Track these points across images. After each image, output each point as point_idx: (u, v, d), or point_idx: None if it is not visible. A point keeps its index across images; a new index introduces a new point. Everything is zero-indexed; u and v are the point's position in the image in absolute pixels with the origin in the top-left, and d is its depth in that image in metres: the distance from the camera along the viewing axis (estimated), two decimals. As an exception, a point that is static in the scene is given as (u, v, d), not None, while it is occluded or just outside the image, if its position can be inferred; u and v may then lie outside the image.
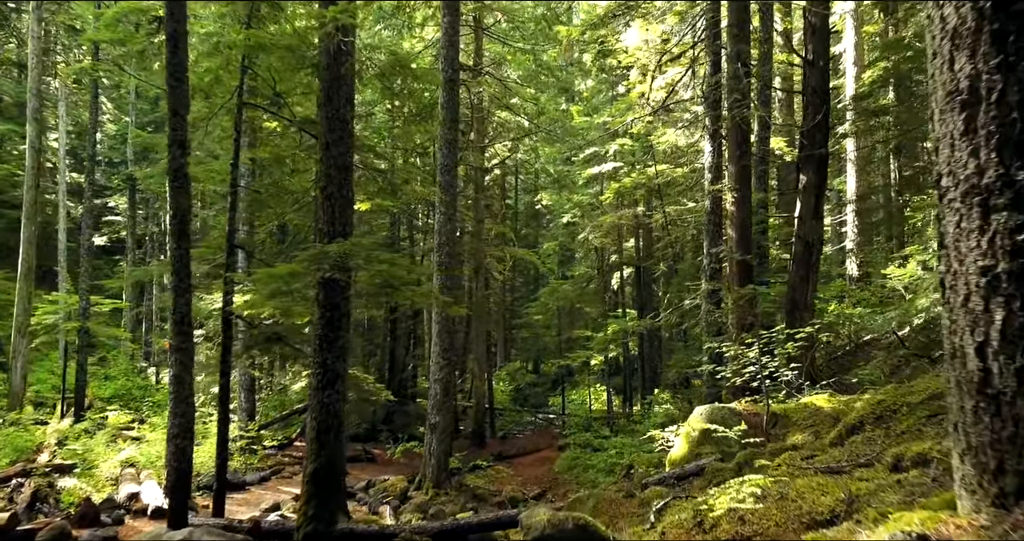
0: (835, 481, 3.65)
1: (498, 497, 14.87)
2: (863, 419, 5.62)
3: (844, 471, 4.03)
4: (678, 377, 20.90)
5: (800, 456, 5.20)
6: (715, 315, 12.82)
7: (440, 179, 14.49)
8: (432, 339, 14.42)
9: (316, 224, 7.01)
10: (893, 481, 3.29)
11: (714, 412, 8.60)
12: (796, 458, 5.16)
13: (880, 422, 5.43)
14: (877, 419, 5.51)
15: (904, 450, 3.60)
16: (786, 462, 5.09)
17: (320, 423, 6.75)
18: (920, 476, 3.22)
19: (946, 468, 3.05)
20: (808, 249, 12.40)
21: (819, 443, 6.57)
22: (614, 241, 26.55)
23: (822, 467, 4.41)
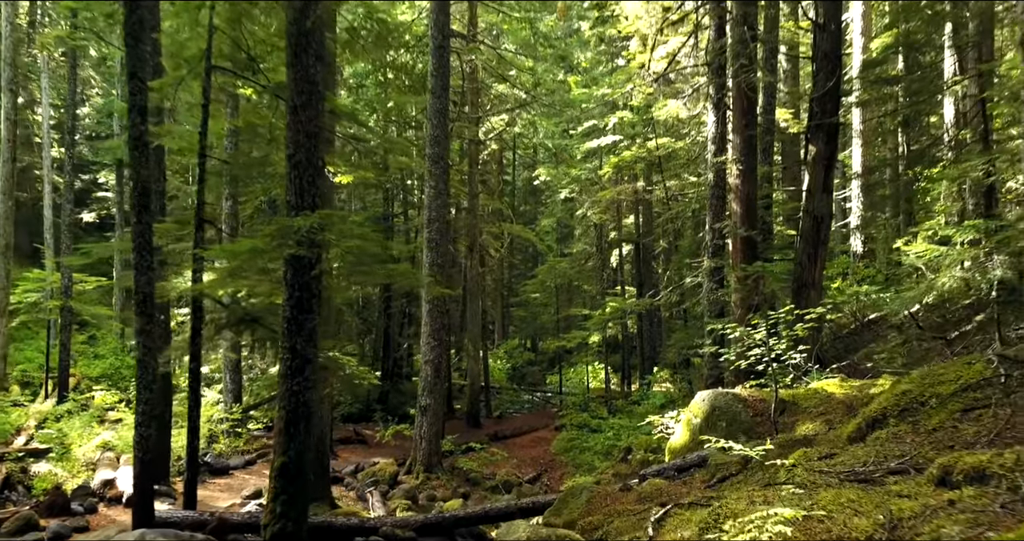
0: (867, 494, 3.09)
1: (491, 481, 14.42)
2: (886, 411, 5.05)
3: (875, 480, 3.45)
4: (678, 357, 20.38)
5: (816, 454, 4.62)
6: (717, 294, 12.23)
7: (429, 151, 13.83)
8: (423, 319, 13.85)
9: (286, 196, 6.38)
10: (943, 501, 2.72)
11: (717, 398, 8.04)
12: (812, 456, 4.58)
13: (906, 416, 4.85)
14: (902, 412, 4.93)
15: (953, 461, 3.02)
16: (801, 462, 4.51)
17: (289, 413, 6.17)
18: (978, 496, 2.65)
19: (1013, 488, 2.48)
20: (816, 224, 11.77)
21: (834, 435, 6.01)
22: (613, 217, 25.90)
23: (846, 471, 3.83)
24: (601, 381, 26.87)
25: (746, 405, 7.85)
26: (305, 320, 6.34)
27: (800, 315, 7.91)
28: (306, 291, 6.34)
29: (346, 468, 14.01)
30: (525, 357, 33.82)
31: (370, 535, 7.55)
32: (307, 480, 6.32)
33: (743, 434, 7.60)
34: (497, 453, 15.50)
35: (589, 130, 23.73)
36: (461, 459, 15.00)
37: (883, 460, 3.94)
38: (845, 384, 7.90)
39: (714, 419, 7.90)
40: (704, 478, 6.71)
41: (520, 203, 43.36)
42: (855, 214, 22.42)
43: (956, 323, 10.08)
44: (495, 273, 36.89)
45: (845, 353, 12.90)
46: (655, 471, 7.38)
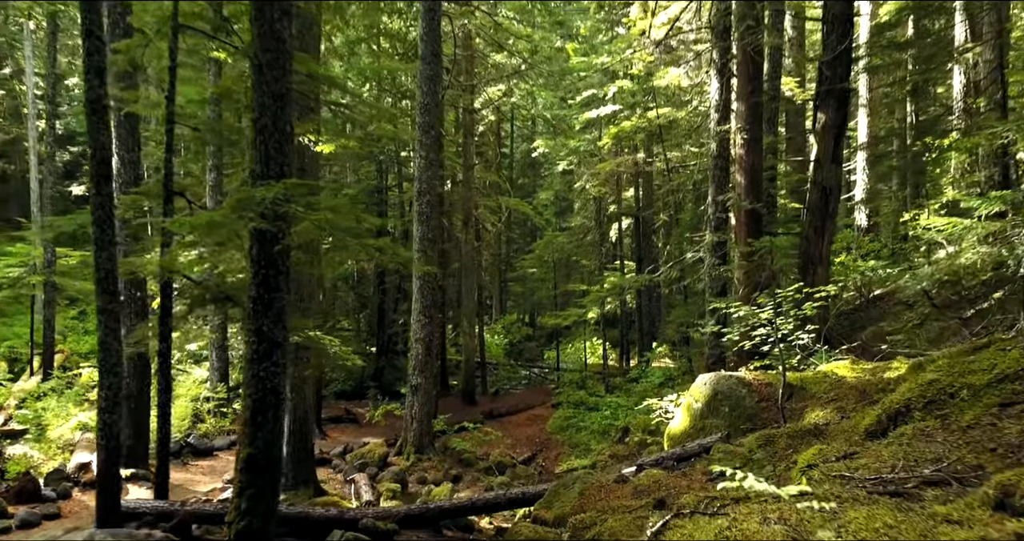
0: (906, 517, 2.58)
1: (485, 462, 14.02)
2: (910, 403, 4.54)
3: (909, 493, 2.95)
4: (677, 334, 19.92)
5: (834, 452, 4.12)
6: (719, 270, 11.69)
7: (419, 120, 13.19)
8: (413, 296, 13.34)
9: (251, 164, 5.81)
10: (1009, 534, 2.22)
11: (720, 382, 7.55)
12: (829, 455, 4.08)
13: (933, 409, 4.34)
14: (929, 404, 4.43)
15: (1016, 479, 2.51)
16: (818, 462, 4.01)
17: (256, 402, 5.67)
18: (1055, 530, 2.16)
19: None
20: (825, 196, 11.19)
21: (848, 426, 5.52)
22: (612, 190, 25.27)
23: (872, 478, 3.32)
24: (599, 357, 26.45)
25: (750, 390, 7.36)
26: (273, 299, 5.81)
27: (809, 293, 7.39)
28: (273, 268, 5.80)
29: (335, 449, 13.60)
30: (523, 332, 33.40)
31: (349, 528, 7.11)
32: (277, 472, 5.84)
33: (747, 421, 7.13)
34: (491, 432, 15.09)
35: (588, 100, 22.99)
36: (454, 439, 14.59)
37: (914, 465, 3.43)
38: (856, 367, 7.40)
39: (716, 404, 7.42)
40: (706, 470, 6.24)
41: (518, 176, 42.64)
42: (860, 187, 21.83)
43: (972, 301, 9.55)
44: (493, 247, 36.32)
45: (851, 331, 12.39)
46: (653, 461, 6.92)
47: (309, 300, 10.31)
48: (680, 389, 15.20)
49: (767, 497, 3.38)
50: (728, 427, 7.16)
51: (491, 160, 30.26)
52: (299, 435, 10.30)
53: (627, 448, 13.87)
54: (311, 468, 10.57)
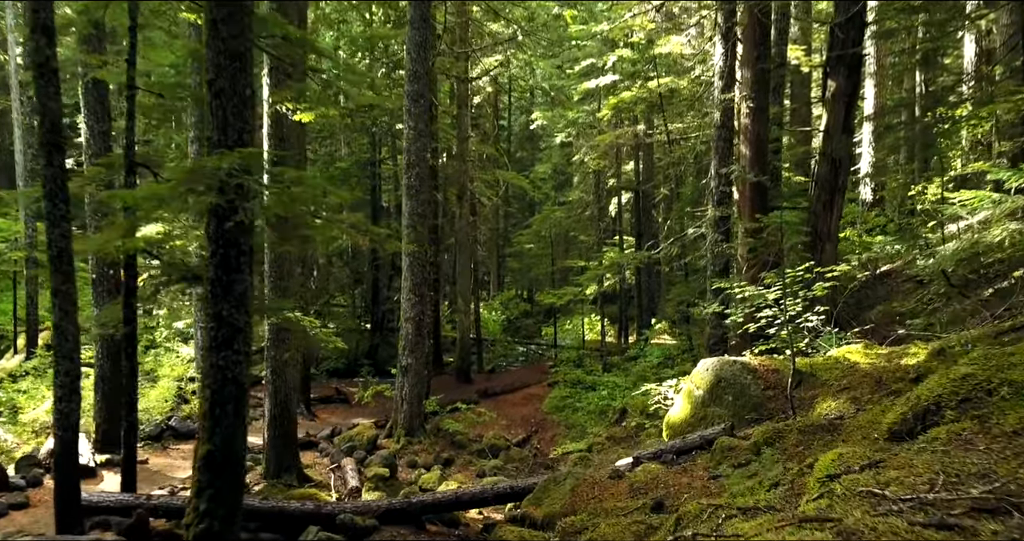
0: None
1: (478, 444, 13.60)
2: (940, 400, 4.02)
3: (962, 525, 2.43)
4: (677, 312, 19.42)
5: (856, 458, 3.60)
6: (722, 246, 11.14)
7: (408, 88, 12.54)
8: (403, 273, 12.80)
9: (207, 132, 5.23)
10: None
11: (723, 368, 7.04)
12: (851, 462, 3.56)
13: (969, 408, 3.83)
14: (963, 402, 3.91)
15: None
16: (839, 471, 3.50)
17: (215, 393, 5.16)
18: None
19: None
20: (834, 169, 10.61)
21: (865, 421, 5.01)
22: (612, 163, 24.59)
23: (908, 498, 2.81)
24: (597, 333, 26.01)
25: (756, 376, 6.86)
26: (233, 282, 5.26)
27: (821, 273, 6.86)
28: (233, 247, 5.25)
29: (323, 431, 13.15)
30: (521, 308, 32.92)
31: (326, 523, 6.66)
32: (239, 470, 5.36)
33: (752, 410, 6.63)
34: (485, 413, 14.66)
35: (587, 69, 22.21)
36: (446, 420, 14.15)
37: (957, 481, 2.92)
38: (870, 352, 6.89)
39: (719, 392, 6.92)
40: (708, 465, 5.75)
41: (516, 149, 41.85)
42: (866, 160, 21.16)
43: (990, 280, 9.01)
44: (490, 222, 35.66)
45: (858, 310, 11.87)
46: (651, 454, 6.43)
47: (288, 278, 9.78)
48: (680, 368, 14.76)
49: (782, 518, 2.87)
50: (731, 417, 6.67)
51: (488, 132, 29.52)
52: (281, 420, 9.83)
53: (624, 430, 13.44)
54: (294, 454, 10.12)
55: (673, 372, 14.43)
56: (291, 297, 9.76)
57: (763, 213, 10.85)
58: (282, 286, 9.69)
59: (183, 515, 6.80)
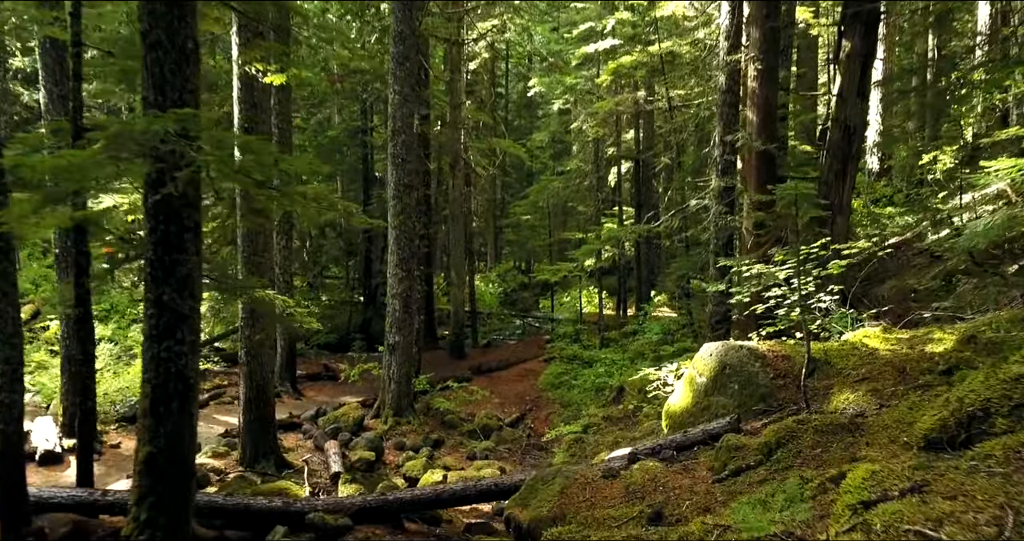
0: None
1: (469, 423, 13.11)
2: (989, 406, 3.43)
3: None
4: (678, 286, 18.83)
5: (894, 479, 3.01)
6: (726, 219, 10.48)
7: (393, 50, 11.76)
8: (389, 247, 12.16)
9: (141, 91, 4.56)
10: None
11: (728, 353, 6.44)
12: (888, 484, 2.97)
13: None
14: (1017, 408, 3.32)
15: None
16: (874, 496, 2.91)
17: (156, 389, 4.57)
18: None
19: None
20: (847, 136, 9.93)
21: (891, 420, 4.42)
22: (611, 131, 23.79)
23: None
24: (595, 306, 25.47)
25: (764, 363, 6.26)
26: (176, 262, 4.64)
27: (837, 250, 6.23)
28: (175, 223, 4.61)
29: (307, 411, 12.62)
30: (518, 280, 32.32)
31: (295, 522, 6.12)
32: (187, 474, 4.78)
33: (760, 401, 6.05)
34: (477, 391, 14.15)
35: (586, 33, 21.32)
36: (437, 399, 13.64)
37: (1032, 522, 2.32)
38: (889, 336, 6.29)
39: (724, 380, 6.33)
40: (711, 464, 5.19)
41: (514, 117, 40.90)
42: (874, 128, 20.40)
43: (1015, 255, 8.39)
44: (487, 192, 34.88)
45: (867, 286, 11.24)
46: (649, 449, 5.86)
47: (264, 254, 9.15)
48: (680, 345, 14.21)
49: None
50: (737, 407, 6.09)
51: (485, 100, 28.64)
52: (257, 403, 9.29)
53: (621, 410, 12.92)
54: (273, 438, 9.59)
55: (673, 349, 13.88)
56: (266, 273, 9.15)
57: (771, 184, 10.15)
58: (256, 262, 9.07)
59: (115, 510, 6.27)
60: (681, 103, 19.80)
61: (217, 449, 9.64)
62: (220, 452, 9.54)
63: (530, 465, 11.35)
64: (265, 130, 9.04)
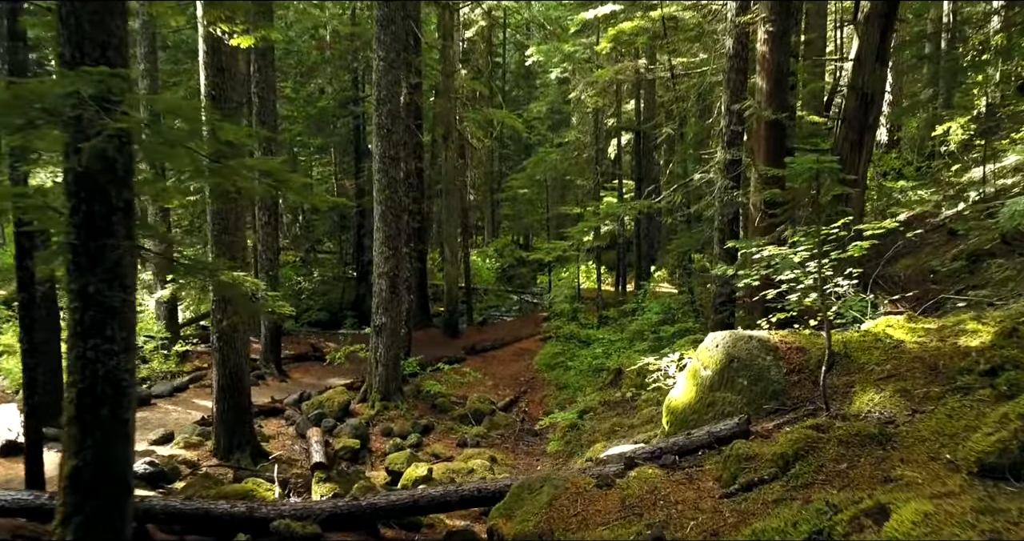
0: None
1: (461, 407, 12.58)
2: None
3: None
4: (680, 264, 18.20)
5: (953, 526, 2.42)
6: (732, 194, 9.81)
7: (378, 12, 10.99)
8: (375, 224, 11.51)
9: (57, 48, 3.89)
10: None
11: (736, 344, 5.83)
12: (950, 535, 2.38)
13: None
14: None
15: None
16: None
17: (83, 393, 3.98)
18: None
19: None
20: (865, 104, 9.23)
21: (931, 433, 3.83)
22: (611, 102, 22.96)
23: None
24: (594, 281, 24.89)
25: (776, 356, 5.65)
26: (104, 248, 4.00)
27: (860, 231, 5.58)
28: (101, 203, 3.97)
29: (291, 396, 12.07)
30: (516, 255, 31.63)
31: (260, 530, 5.57)
32: (122, 490, 4.19)
33: (772, 398, 5.46)
34: (469, 373, 13.60)
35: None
36: (428, 381, 13.10)
37: None
38: (916, 326, 5.67)
39: (731, 374, 5.73)
40: (719, 474, 4.61)
41: (512, 88, 39.89)
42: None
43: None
44: (484, 165, 34.12)
45: (879, 265, 10.61)
46: (648, 452, 5.29)
47: (235, 232, 8.50)
48: (680, 326, 13.61)
49: None
50: (746, 405, 5.50)
51: (483, 69, 27.77)
52: (231, 391, 8.71)
53: (619, 394, 12.36)
54: (248, 428, 9.04)
55: (673, 329, 13.30)
56: (238, 253, 8.51)
57: (781, 156, 9.50)
58: (226, 241, 8.43)
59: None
60: (684, 71, 18.96)
61: (191, 439, 9.09)
62: (193, 442, 9.00)
63: (523, 452, 10.84)
64: (235, 98, 8.34)
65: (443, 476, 8.08)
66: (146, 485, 7.43)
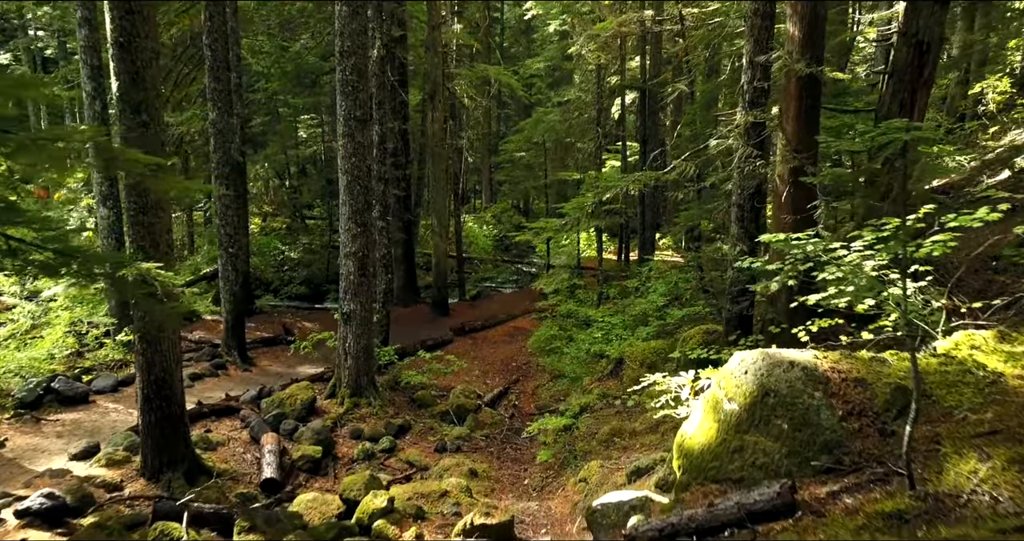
0: None
1: (443, 401, 11.29)
2: None
3: None
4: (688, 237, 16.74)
5: None
6: (755, 164, 8.28)
7: (338, -53, 9.33)
8: (340, 197, 10.02)
9: None
10: None
11: (772, 371, 4.41)
12: None
13: None
14: None
15: None
16: None
17: None
18: None
19: None
20: (919, 54, 7.64)
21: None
22: (615, 58, 21.14)
23: None
24: (595, 250, 23.43)
25: (827, 391, 4.23)
26: None
27: (942, 223, 4.09)
28: None
29: (249, 391, 10.71)
30: (515, 221, 30.07)
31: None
32: None
33: (824, 451, 4.05)
34: (454, 362, 12.24)
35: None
36: (407, 371, 11.76)
37: None
38: (1015, 348, 4.24)
39: (766, 412, 4.32)
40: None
41: (511, 44, 37.93)
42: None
43: None
44: (482, 126, 32.39)
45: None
46: (655, 528, 3.90)
47: (158, 212, 7.01)
48: (689, 310, 12.19)
49: None
50: (787, 458, 4.11)
51: (480, 23, 25.88)
52: (159, 401, 7.35)
53: (620, 385, 11.06)
54: (183, 441, 7.68)
55: (681, 313, 11.88)
56: (162, 238, 7.05)
57: (814, 119, 7.97)
58: (146, 222, 6.96)
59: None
60: (694, 23, 17.19)
61: (116, 453, 7.75)
62: (118, 459, 7.65)
63: (509, 459, 9.55)
64: (150, 46, 6.79)
65: (408, 506, 6.76)
66: (42, 525, 6.13)
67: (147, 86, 6.86)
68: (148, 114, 6.89)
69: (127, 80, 6.76)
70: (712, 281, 13.00)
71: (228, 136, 12.00)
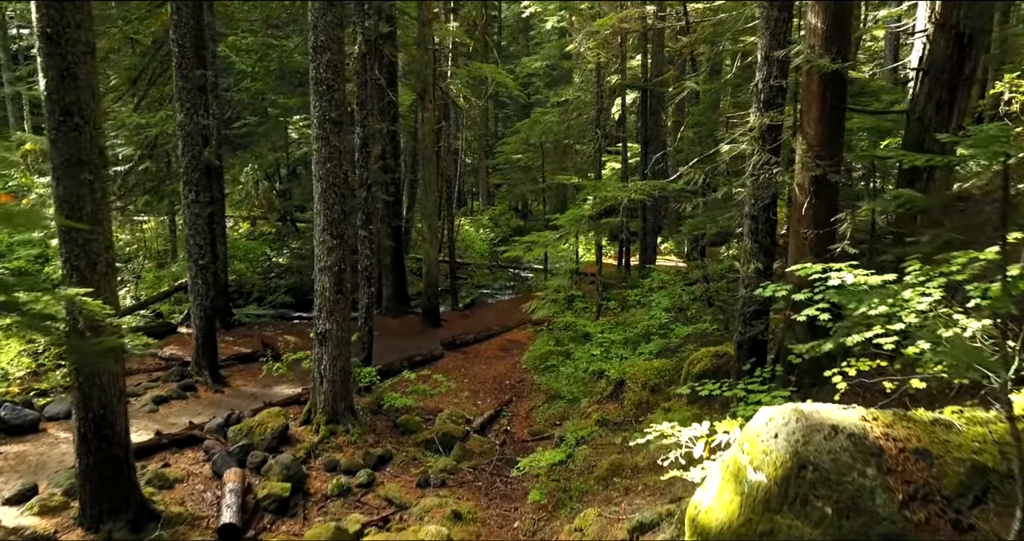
0: None
1: (428, 427, 10.43)
2: None
3: None
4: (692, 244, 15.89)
5: None
6: (771, 172, 7.42)
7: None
8: (314, 206, 9.16)
9: None
10: None
11: (810, 436, 3.54)
12: None
13: None
14: None
15: None
16: None
17: None
18: None
19: None
20: (959, 48, 6.80)
21: None
22: (615, 56, 20.27)
23: None
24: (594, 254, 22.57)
25: (881, 467, 3.35)
26: None
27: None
28: None
29: (215, 419, 9.78)
30: (513, 225, 29.18)
31: None
32: None
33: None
34: (442, 382, 11.39)
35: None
36: (390, 393, 10.88)
37: None
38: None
39: (803, 489, 3.45)
40: None
41: (509, 43, 37.12)
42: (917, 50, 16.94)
43: None
44: (479, 126, 31.55)
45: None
46: None
47: (98, 220, 6.15)
48: (695, 327, 11.36)
49: None
50: (831, 554, 3.23)
51: (477, 21, 25.06)
52: (98, 441, 6.50)
53: (620, 409, 10.21)
54: (128, 484, 6.83)
55: (688, 330, 11.04)
56: (100, 256, 6.19)
57: (839, 122, 7.11)
58: (81, 241, 6.10)
59: None
60: (698, 18, 16.31)
61: (52, 500, 6.88)
62: (54, 505, 6.80)
63: (499, 496, 8.67)
64: (84, 38, 5.94)
65: (377, 564, 5.89)
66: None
67: (80, 84, 6.01)
68: (81, 116, 6.04)
69: (55, 77, 5.92)
70: (718, 291, 12.15)
71: (196, 139, 11.13)
